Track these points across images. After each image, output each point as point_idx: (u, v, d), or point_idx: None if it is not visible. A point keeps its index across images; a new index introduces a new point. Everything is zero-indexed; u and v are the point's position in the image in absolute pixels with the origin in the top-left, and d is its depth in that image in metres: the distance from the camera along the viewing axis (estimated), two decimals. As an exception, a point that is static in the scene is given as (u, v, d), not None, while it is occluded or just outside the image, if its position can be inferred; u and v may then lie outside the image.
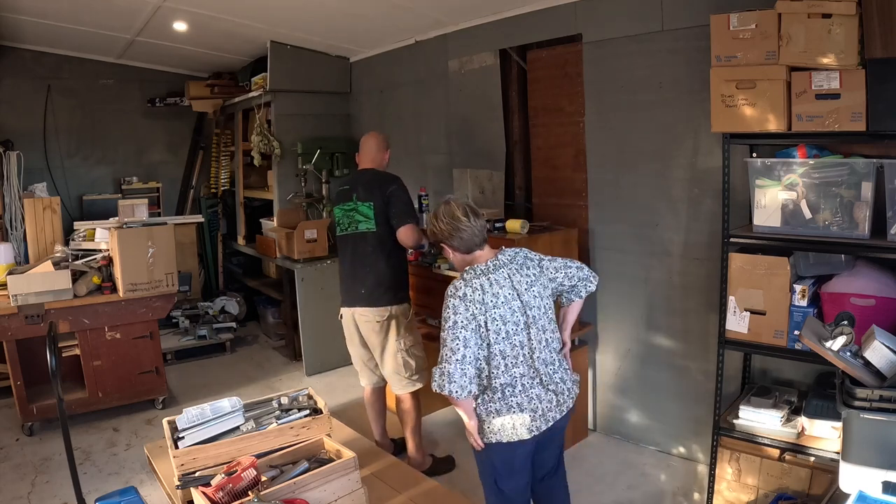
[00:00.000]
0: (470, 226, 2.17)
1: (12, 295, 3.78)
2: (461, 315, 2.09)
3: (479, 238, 2.20)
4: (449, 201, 2.25)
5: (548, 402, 2.21)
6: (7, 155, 4.90)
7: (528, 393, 2.18)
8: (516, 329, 2.15)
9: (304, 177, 5.24)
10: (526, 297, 2.17)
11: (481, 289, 2.11)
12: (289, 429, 2.31)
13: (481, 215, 2.23)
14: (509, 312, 2.13)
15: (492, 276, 2.14)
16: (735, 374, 2.95)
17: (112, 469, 3.56)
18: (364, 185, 3.22)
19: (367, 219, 3.18)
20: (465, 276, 2.16)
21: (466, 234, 2.17)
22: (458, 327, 2.08)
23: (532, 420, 2.18)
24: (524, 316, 2.16)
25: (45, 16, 4.56)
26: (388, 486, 2.31)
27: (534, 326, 2.18)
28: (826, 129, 2.26)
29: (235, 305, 5.95)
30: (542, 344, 2.20)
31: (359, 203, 3.20)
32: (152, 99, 6.22)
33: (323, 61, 5.26)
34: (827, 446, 2.40)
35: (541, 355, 2.19)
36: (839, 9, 2.15)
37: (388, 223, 3.15)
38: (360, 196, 3.21)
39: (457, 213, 2.19)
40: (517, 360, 2.16)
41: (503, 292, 2.13)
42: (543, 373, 2.20)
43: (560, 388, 2.24)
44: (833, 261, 2.45)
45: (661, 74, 3.17)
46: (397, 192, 3.17)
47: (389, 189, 3.16)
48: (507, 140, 4.08)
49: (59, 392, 2.51)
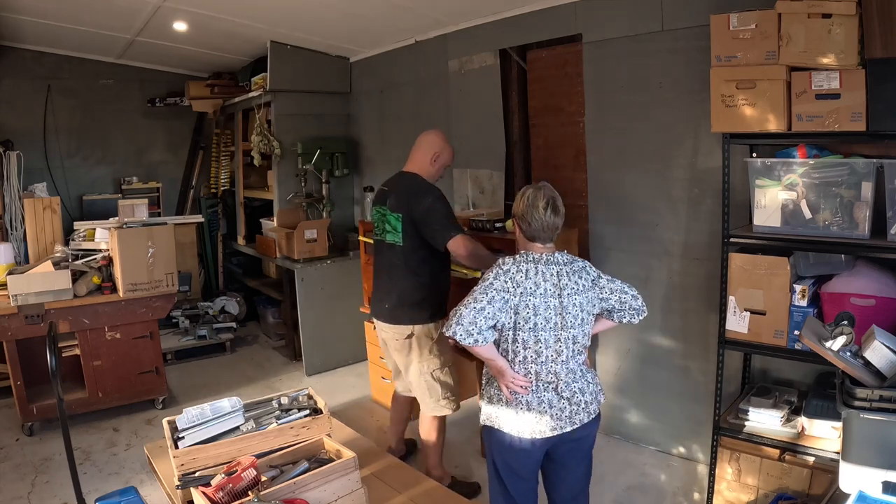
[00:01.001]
0: (542, 219, 2.15)
1: (12, 295, 3.77)
2: (499, 281, 2.10)
3: (545, 234, 2.17)
4: (541, 186, 2.22)
5: (559, 410, 2.16)
6: (7, 155, 4.90)
7: (540, 395, 2.16)
8: (545, 325, 2.11)
9: (304, 177, 5.23)
10: (566, 301, 2.13)
11: (525, 273, 2.11)
12: (289, 429, 2.31)
13: (561, 214, 2.19)
14: (543, 306, 2.10)
15: (540, 267, 2.13)
16: (735, 374, 2.95)
17: (112, 469, 3.57)
18: (398, 192, 2.97)
19: (394, 230, 2.96)
20: (515, 257, 2.17)
21: (536, 224, 2.15)
22: (491, 288, 2.08)
23: (537, 423, 2.15)
24: (558, 317, 2.12)
25: (45, 16, 4.56)
26: (388, 486, 2.31)
27: (565, 331, 2.13)
28: (826, 129, 2.26)
29: (235, 305, 5.95)
30: (570, 352, 2.16)
31: (388, 212, 2.98)
32: (152, 99, 6.22)
33: (323, 61, 5.26)
34: (827, 446, 2.40)
35: (566, 363, 2.16)
36: (839, 9, 2.15)
37: (419, 237, 2.90)
38: (391, 204, 2.97)
39: (539, 202, 2.16)
40: (538, 357, 2.13)
41: (545, 285, 2.11)
42: (563, 380, 2.17)
43: (577, 398, 2.19)
44: (833, 261, 2.45)
45: (661, 74, 3.17)
46: (434, 206, 2.86)
47: (424, 204, 2.86)
48: (507, 140, 4.08)
49: (59, 392, 2.51)
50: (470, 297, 2.09)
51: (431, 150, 3.05)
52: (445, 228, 2.83)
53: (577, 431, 2.20)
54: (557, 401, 2.16)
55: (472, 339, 2.04)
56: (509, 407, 2.18)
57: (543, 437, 2.15)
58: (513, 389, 2.16)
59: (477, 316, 2.04)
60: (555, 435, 2.16)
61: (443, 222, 2.85)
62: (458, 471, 3.40)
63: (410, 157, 3.08)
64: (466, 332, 2.04)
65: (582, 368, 2.23)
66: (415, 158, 3.07)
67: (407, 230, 2.91)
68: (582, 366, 2.23)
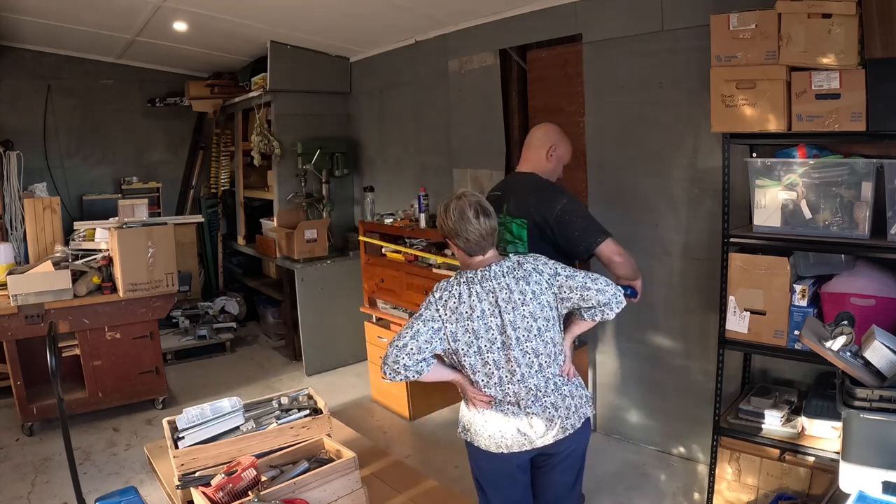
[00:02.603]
0: (478, 228, 1.99)
1: (12, 295, 3.78)
2: (428, 311, 2.00)
3: (485, 242, 2.02)
4: (462, 195, 2.05)
5: (526, 426, 2.03)
6: (7, 155, 4.90)
7: (504, 408, 2.04)
8: (491, 346, 1.99)
9: (304, 177, 5.24)
10: (511, 317, 1.97)
11: (458, 297, 1.98)
12: (289, 429, 2.31)
13: (493, 216, 2.04)
14: (484, 328, 1.98)
15: (473, 287, 1.99)
16: (735, 374, 2.95)
17: (112, 469, 3.57)
18: (518, 195, 2.55)
19: (518, 241, 2.52)
20: (450, 279, 2.05)
21: (473, 236, 2.00)
22: (419, 319, 1.99)
23: (502, 438, 2.04)
24: (502, 335, 1.98)
25: (45, 16, 4.56)
26: (388, 486, 2.31)
27: (516, 349, 1.98)
28: (826, 129, 2.26)
29: (235, 305, 5.95)
30: (532, 368, 2.01)
31: (508, 218, 2.53)
32: (152, 99, 6.22)
33: (323, 61, 5.26)
34: (827, 446, 2.40)
35: (523, 381, 2.01)
36: (839, 9, 2.15)
37: (549, 246, 2.48)
38: (511, 209, 2.54)
39: (467, 212, 1.99)
40: (490, 381, 2.02)
41: (481, 306, 1.97)
42: (524, 398, 2.02)
43: (549, 414, 2.03)
44: (833, 261, 2.45)
45: (661, 74, 3.17)
46: (571, 207, 2.46)
47: (557, 206, 2.45)
48: (507, 140, 4.08)
49: (59, 392, 2.51)
50: (397, 333, 2.00)
51: (546, 143, 2.66)
52: (591, 231, 2.42)
53: (555, 447, 2.07)
54: (524, 417, 2.03)
55: (401, 376, 1.95)
56: (478, 421, 2.08)
57: (511, 452, 2.05)
58: (476, 405, 2.07)
59: (399, 353, 1.93)
60: (524, 451, 2.05)
61: (585, 225, 2.43)
62: (458, 471, 3.40)
63: (523, 157, 2.71)
64: (391, 370, 1.94)
65: (556, 381, 2.06)
66: (528, 156, 2.68)
67: (534, 239, 2.50)
68: (555, 378, 2.06)
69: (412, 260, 4.03)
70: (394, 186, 5.10)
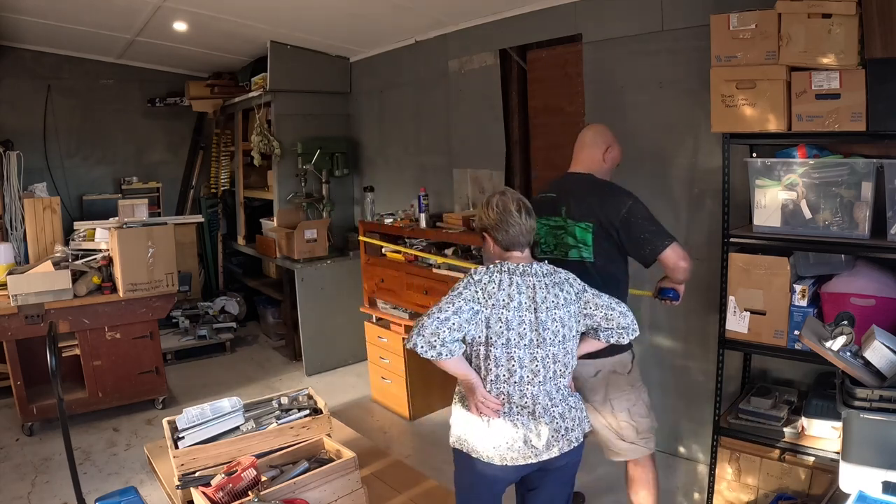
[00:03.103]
0: (520, 223, 2.01)
1: (12, 295, 3.78)
2: (468, 291, 1.95)
3: (524, 239, 2.03)
4: (505, 192, 2.08)
5: (535, 437, 1.99)
6: (7, 155, 4.90)
7: (514, 418, 1.99)
8: (519, 341, 1.95)
9: (304, 177, 5.24)
10: (544, 316, 1.96)
11: (498, 284, 1.96)
12: (289, 429, 2.31)
13: (534, 215, 2.06)
14: (517, 321, 1.94)
15: (515, 278, 1.98)
16: (735, 374, 2.95)
17: (112, 469, 3.56)
18: (578, 196, 2.45)
19: (582, 245, 2.41)
20: (489, 267, 2.02)
21: (514, 230, 2.01)
22: (459, 297, 1.93)
23: (508, 449, 1.98)
24: (534, 333, 1.96)
25: (45, 16, 4.56)
26: (388, 486, 2.31)
27: (542, 349, 1.97)
28: (826, 129, 2.25)
29: (235, 305, 5.95)
30: (549, 372, 1.99)
31: (570, 221, 2.43)
32: (152, 99, 6.22)
33: (323, 61, 5.26)
34: (827, 446, 2.39)
35: (543, 384, 1.99)
36: (839, 9, 2.15)
37: (614, 250, 2.40)
38: (572, 212, 2.43)
39: (510, 206, 2.01)
40: (511, 377, 1.97)
41: (520, 298, 1.95)
42: (540, 403, 2.00)
43: (556, 424, 2.01)
44: (833, 261, 2.45)
45: (661, 74, 3.17)
46: (637, 210, 2.36)
47: (625, 207, 2.35)
48: (507, 140, 4.08)
49: (59, 392, 2.51)
50: (435, 306, 1.94)
51: (602, 143, 2.57)
52: (659, 235, 2.32)
53: (556, 460, 2.03)
54: (534, 426, 1.99)
55: (435, 351, 1.87)
56: (480, 430, 2.01)
57: (515, 464, 1.99)
58: (483, 411, 1.99)
59: (440, 326, 1.87)
60: (528, 464, 2.00)
61: (653, 228, 2.34)
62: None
63: (575, 157, 2.61)
64: (428, 343, 1.87)
65: (564, 392, 2.06)
66: (581, 157, 2.58)
67: (600, 243, 2.39)
68: (564, 389, 2.06)
69: (412, 260, 4.03)
70: (394, 186, 5.10)
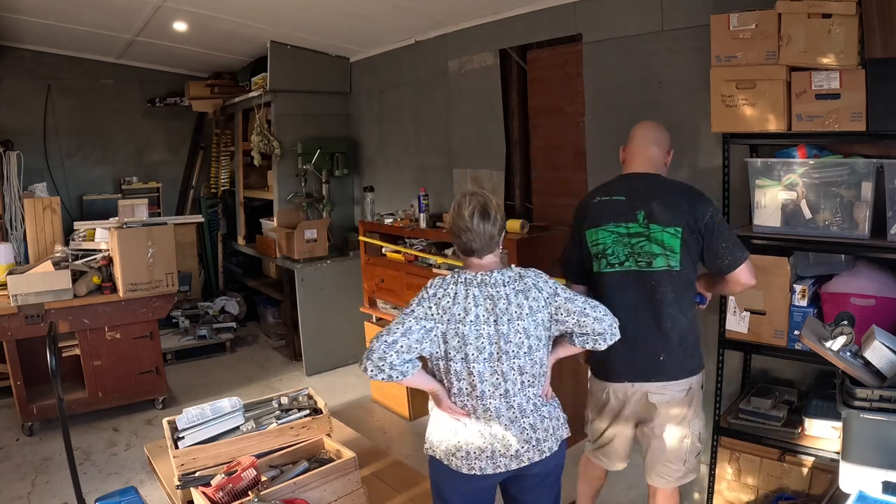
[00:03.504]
0: (472, 230, 1.90)
1: (12, 295, 3.78)
2: (421, 308, 1.88)
3: (478, 245, 1.92)
4: (466, 194, 1.96)
5: (501, 447, 1.92)
6: (7, 155, 4.90)
7: (480, 427, 1.93)
8: (478, 356, 1.87)
9: (304, 177, 5.24)
10: (505, 328, 1.87)
11: (453, 297, 1.88)
12: (289, 429, 2.31)
13: (495, 220, 1.92)
14: (474, 335, 1.86)
15: (471, 289, 1.89)
16: (735, 374, 2.95)
17: (112, 469, 3.57)
18: (661, 199, 2.21)
19: (670, 252, 2.18)
20: (446, 277, 1.95)
21: (466, 237, 1.91)
22: (409, 317, 1.87)
23: (476, 458, 1.92)
24: (493, 346, 1.88)
25: (45, 16, 4.56)
26: (388, 486, 2.31)
27: (505, 363, 1.89)
28: (826, 129, 2.26)
29: (235, 305, 5.95)
30: (515, 386, 1.91)
31: (653, 227, 2.20)
32: (152, 99, 6.22)
33: (323, 61, 5.26)
34: (827, 446, 2.39)
35: (505, 397, 1.91)
36: (839, 9, 2.15)
37: (697, 256, 2.22)
38: (655, 216, 2.20)
39: (464, 211, 1.91)
40: (473, 391, 1.91)
41: (476, 311, 1.87)
42: (506, 416, 1.92)
43: (527, 435, 1.93)
44: (833, 261, 2.45)
45: (661, 74, 3.17)
46: (719, 218, 2.20)
47: (708, 211, 2.18)
48: (507, 140, 4.08)
49: (59, 392, 2.51)
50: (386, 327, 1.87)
51: (666, 144, 2.39)
52: (738, 248, 2.17)
53: (530, 468, 1.96)
54: (501, 437, 1.92)
55: (384, 374, 1.81)
56: (449, 438, 1.96)
57: (484, 473, 1.92)
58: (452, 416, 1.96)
59: (387, 350, 1.80)
60: (497, 473, 1.93)
61: (734, 239, 2.19)
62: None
63: (638, 156, 2.37)
64: (376, 367, 1.80)
65: (536, 402, 1.97)
66: (645, 156, 2.35)
67: (686, 249, 2.19)
68: (536, 398, 1.97)
69: (412, 260, 4.03)
70: (394, 186, 5.10)
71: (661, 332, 2.21)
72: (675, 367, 2.24)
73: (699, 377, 2.31)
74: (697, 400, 2.32)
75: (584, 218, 2.33)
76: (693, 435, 2.32)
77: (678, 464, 2.32)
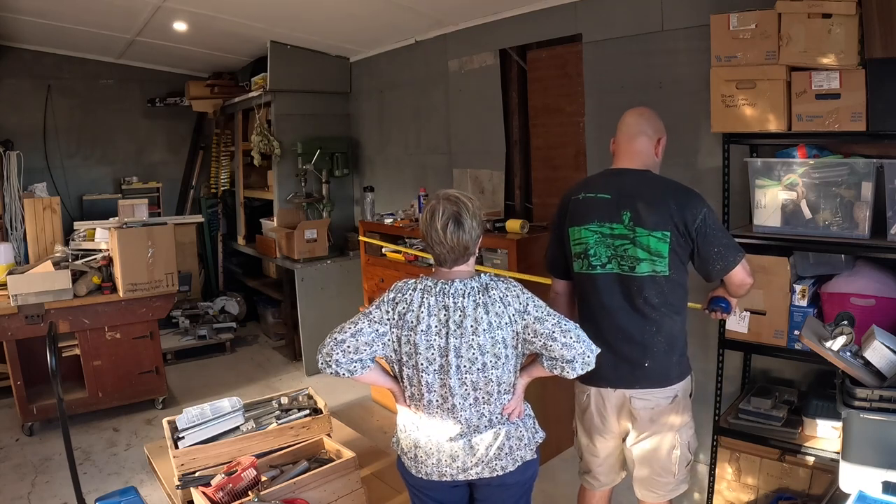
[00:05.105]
0: (444, 242, 1.79)
1: (12, 295, 3.78)
2: (378, 311, 1.83)
3: (451, 256, 1.81)
4: (441, 198, 1.83)
5: (448, 458, 1.86)
6: (7, 155, 4.90)
7: (428, 433, 1.87)
8: (428, 367, 1.80)
9: (304, 177, 5.24)
10: (457, 342, 1.78)
11: (409, 304, 1.81)
12: (289, 429, 2.31)
13: (471, 229, 1.81)
14: (424, 345, 1.79)
15: (427, 298, 1.80)
16: (735, 374, 2.95)
17: (112, 469, 3.56)
18: (648, 199, 2.06)
19: (657, 257, 2.05)
20: (409, 281, 1.87)
21: (438, 247, 1.81)
22: (366, 317, 1.82)
23: (423, 463, 1.88)
24: (443, 359, 1.79)
25: (45, 16, 4.56)
26: (388, 486, 2.31)
27: (454, 377, 1.79)
28: (826, 129, 2.26)
29: (235, 305, 5.95)
30: (466, 401, 1.82)
31: (641, 230, 2.05)
32: (152, 99, 6.22)
33: (323, 61, 5.26)
34: (827, 446, 2.39)
35: (457, 412, 1.83)
36: (839, 9, 2.15)
37: (687, 259, 2.10)
38: (642, 219, 2.05)
39: (437, 219, 1.79)
40: (420, 401, 1.85)
41: (428, 321, 1.79)
42: (454, 430, 1.84)
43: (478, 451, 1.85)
44: (833, 261, 2.45)
45: (661, 74, 3.17)
46: (711, 218, 2.04)
47: (700, 213, 2.02)
48: (507, 140, 4.08)
49: (59, 392, 2.51)
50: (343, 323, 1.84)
51: (654, 133, 2.18)
52: (731, 250, 2.05)
53: (482, 480, 1.89)
54: (447, 447, 1.85)
55: (332, 370, 1.78)
56: (404, 437, 1.94)
57: (430, 479, 1.88)
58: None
59: (335, 348, 1.78)
60: (443, 481, 1.88)
61: (726, 241, 2.05)
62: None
63: (624, 149, 2.19)
64: (324, 362, 1.79)
65: (492, 419, 1.85)
66: (632, 149, 2.16)
67: (675, 253, 2.05)
68: (492, 416, 1.85)
69: (412, 260, 4.03)
70: (394, 186, 5.10)
71: (645, 337, 2.10)
72: (660, 373, 2.12)
73: (685, 384, 2.17)
74: (685, 407, 2.19)
75: (567, 214, 2.19)
76: (683, 445, 2.18)
77: (668, 476, 2.20)
